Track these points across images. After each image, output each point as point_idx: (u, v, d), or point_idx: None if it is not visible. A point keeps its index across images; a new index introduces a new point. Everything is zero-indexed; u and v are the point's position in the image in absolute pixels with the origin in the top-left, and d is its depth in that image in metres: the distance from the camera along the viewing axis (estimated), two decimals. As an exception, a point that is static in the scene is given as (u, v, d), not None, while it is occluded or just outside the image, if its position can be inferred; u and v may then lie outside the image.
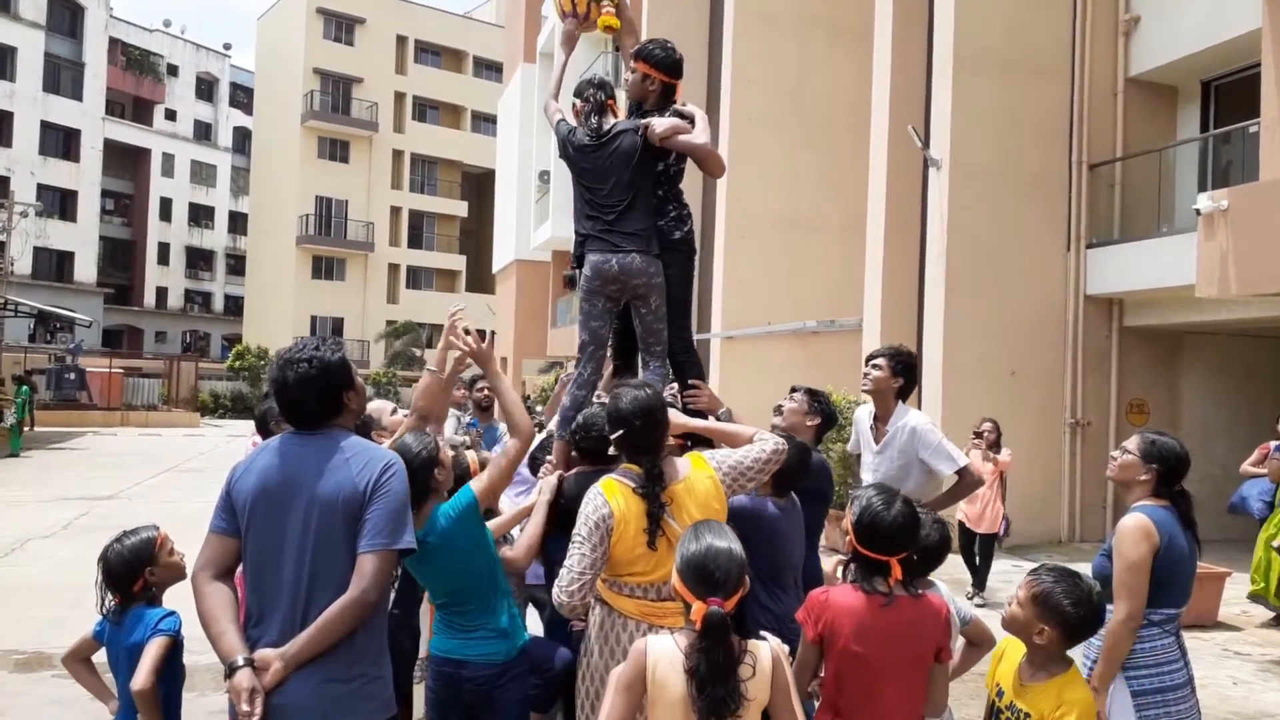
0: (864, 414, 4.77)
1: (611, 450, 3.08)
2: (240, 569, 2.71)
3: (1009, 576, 9.95)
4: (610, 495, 2.91)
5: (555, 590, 2.86)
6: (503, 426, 3.65)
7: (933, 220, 11.71)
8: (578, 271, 4.06)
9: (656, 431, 3.04)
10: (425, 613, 3.80)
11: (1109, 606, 3.28)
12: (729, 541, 2.48)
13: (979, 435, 8.83)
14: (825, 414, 4.20)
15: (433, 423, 3.54)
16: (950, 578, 6.21)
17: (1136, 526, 3.25)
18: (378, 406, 4.58)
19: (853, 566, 2.79)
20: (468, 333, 3.37)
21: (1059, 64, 12.01)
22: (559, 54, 4.40)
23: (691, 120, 3.93)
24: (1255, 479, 8.48)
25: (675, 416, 3.37)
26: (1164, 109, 12.59)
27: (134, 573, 3.25)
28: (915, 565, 2.92)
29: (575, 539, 2.87)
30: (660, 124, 3.83)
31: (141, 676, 2.99)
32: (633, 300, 3.91)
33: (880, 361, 4.54)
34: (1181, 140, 12.31)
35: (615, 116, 4.00)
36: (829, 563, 3.01)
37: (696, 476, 3.02)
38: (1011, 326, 11.62)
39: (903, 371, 4.54)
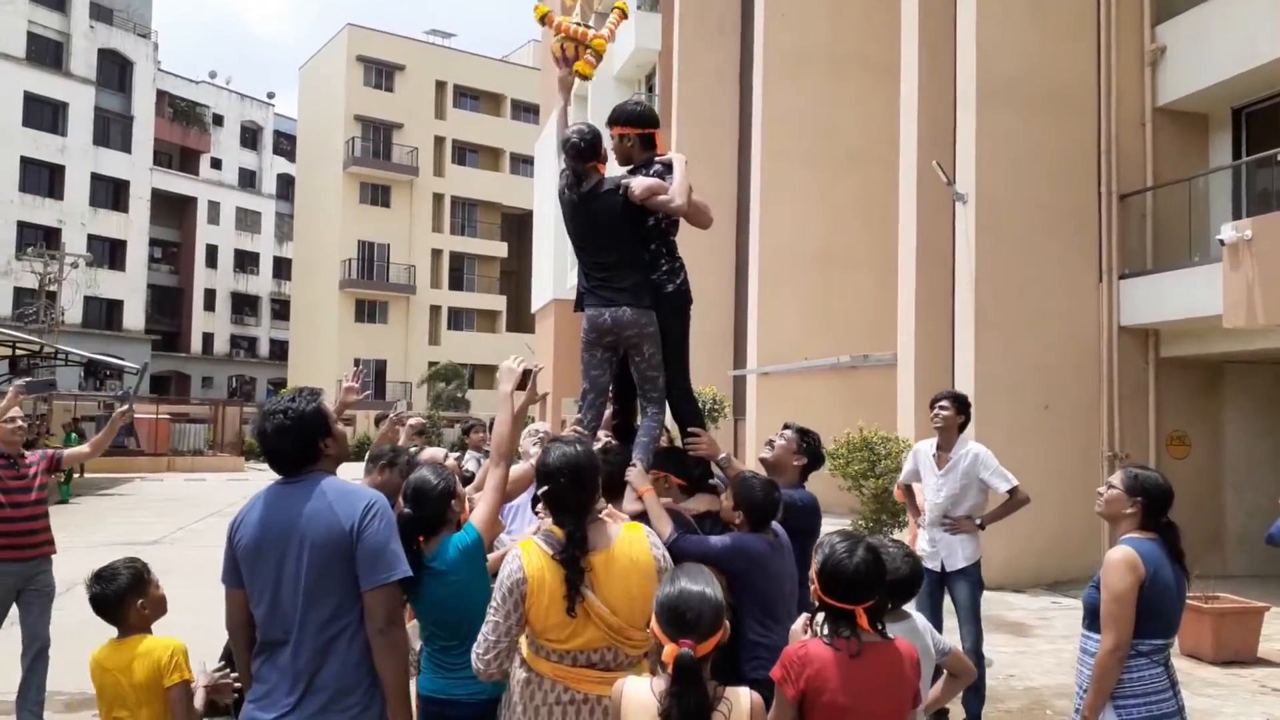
0: (927, 446, 6.16)
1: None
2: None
3: (1047, 614, 9.82)
4: (526, 560, 2.81)
5: (473, 656, 2.82)
6: (517, 466, 3.74)
7: (961, 255, 11.66)
8: None
9: (583, 492, 2.87)
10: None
11: (1096, 637, 3.32)
12: (703, 585, 2.47)
13: None
14: (812, 454, 4.34)
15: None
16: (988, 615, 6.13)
17: (1122, 559, 3.32)
18: (431, 454, 4.64)
19: (820, 617, 2.69)
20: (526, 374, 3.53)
21: (1085, 96, 11.93)
22: (559, 98, 4.54)
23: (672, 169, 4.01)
24: (1295, 511, 8.33)
25: (633, 502, 3.44)
26: (1195, 137, 12.47)
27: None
28: (886, 599, 2.89)
29: (490, 605, 2.82)
30: (638, 185, 3.93)
31: None
32: (628, 350, 4.04)
33: (946, 403, 6.01)
34: (1213, 169, 12.21)
35: (601, 173, 4.06)
36: (799, 620, 2.96)
37: (622, 550, 2.85)
38: (1044, 359, 11.48)
39: (963, 410, 6.03)
